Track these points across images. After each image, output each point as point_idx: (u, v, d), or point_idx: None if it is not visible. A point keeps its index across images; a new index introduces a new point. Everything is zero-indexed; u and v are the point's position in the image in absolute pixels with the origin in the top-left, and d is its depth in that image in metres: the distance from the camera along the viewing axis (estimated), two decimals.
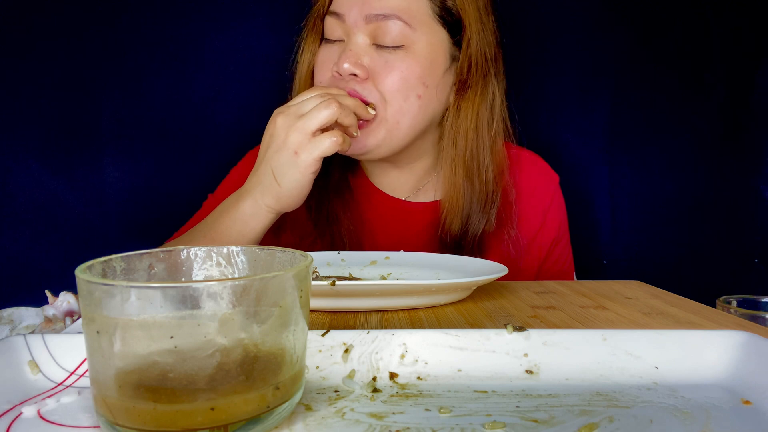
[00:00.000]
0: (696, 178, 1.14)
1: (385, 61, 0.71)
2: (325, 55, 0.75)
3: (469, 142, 0.76)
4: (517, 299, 0.59)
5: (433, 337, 0.37)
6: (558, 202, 0.89)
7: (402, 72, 0.71)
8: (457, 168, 0.77)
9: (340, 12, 0.72)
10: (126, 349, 0.26)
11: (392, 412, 0.30)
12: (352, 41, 0.72)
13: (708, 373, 0.35)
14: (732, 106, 1.13)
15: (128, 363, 0.26)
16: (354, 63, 0.70)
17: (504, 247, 0.82)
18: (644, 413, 0.30)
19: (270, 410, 0.27)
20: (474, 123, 0.76)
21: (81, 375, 0.34)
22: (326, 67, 0.74)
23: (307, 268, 0.30)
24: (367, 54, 0.71)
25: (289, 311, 0.28)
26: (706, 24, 1.12)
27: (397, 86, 0.71)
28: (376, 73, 0.71)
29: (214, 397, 0.25)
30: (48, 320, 0.43)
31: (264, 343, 0.27)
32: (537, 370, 0.36)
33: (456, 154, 0.77)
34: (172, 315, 0.25)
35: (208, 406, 0.25)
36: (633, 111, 1.14)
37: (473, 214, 0.78)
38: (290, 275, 0.28)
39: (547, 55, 1.13)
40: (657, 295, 0.61)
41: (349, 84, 0.71)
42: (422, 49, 0.72)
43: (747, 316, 0.57)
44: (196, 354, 0.25)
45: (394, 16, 0.70)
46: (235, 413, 0.26)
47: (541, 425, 0.29)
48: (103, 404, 0.26)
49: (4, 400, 0.30)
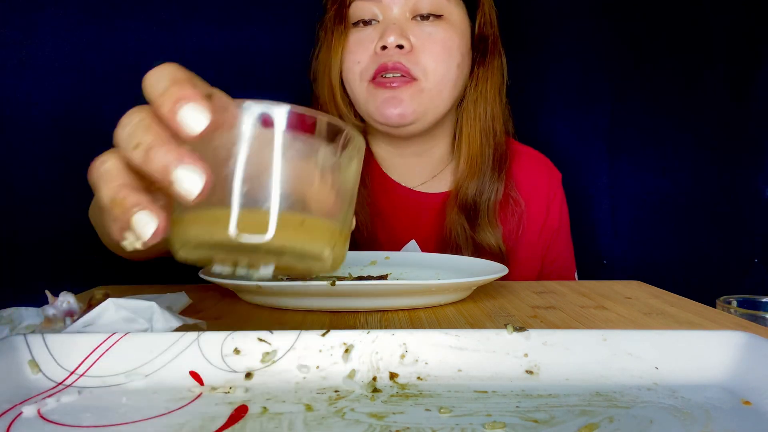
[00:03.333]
0: (696, 178, 1.14)
1: (428, 33, 0.75)
2: (358, 38, 0.77)
3: (488, 107, 0.81)
4: (517, 299, 0.59)
5: (433, 337, 0.37)
6: (560, 197, 0.90)
7: (444, 42, 0.75)
8: (476, 132, 0.81)
9: None
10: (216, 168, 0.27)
11: (392, 412, 0.30)
12: (391, 17, 0.75)
13: (708, 373, 0.35)
14: (732, 106, 1.13)
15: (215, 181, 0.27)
16: (399, 35, 0.73)
17: (511, 219, 0.84)
18: (644, 413, 0.30)
19: (334, 246, 0.30)
20: (493, 91, 0.82)
21: (81, 375, 0.34)
22: (363, 48, 0.76)
23: (363, 144, 0.33)
24: (408, 28, 0.74)
25: (357, 171, 0.32)
26: (706, 23, 1.12)
27: (440, 56, 0.75)
28: (419, 45, 0.74)
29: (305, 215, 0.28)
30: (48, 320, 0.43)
31: (345, 181, 0.31)
32: (537, 370, 0.36)
33: (476, 120, 0.81)
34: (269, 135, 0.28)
35: (300, 219, 0.28)
36: (633, 111, 1.14)
37: (486, 178, 0.81)
38: (358, 145, 0.31)
39: (547, 54, 1.13)
40: (657, 295, 0.61)
41: (393, 57, 0.73)
42: (456, 20, 0.77)
43: (747, 316, 0.57)
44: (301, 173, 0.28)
45: None
46: (321, 231, 0.29)
47: (541, 425, 0.29)
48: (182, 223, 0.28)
49: (4, 400, 0.30)
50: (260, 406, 0.31)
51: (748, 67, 1.13)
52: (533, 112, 1.14)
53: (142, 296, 0.47)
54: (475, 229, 0.80)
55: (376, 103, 0.75)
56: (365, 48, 0.76)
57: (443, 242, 0.81)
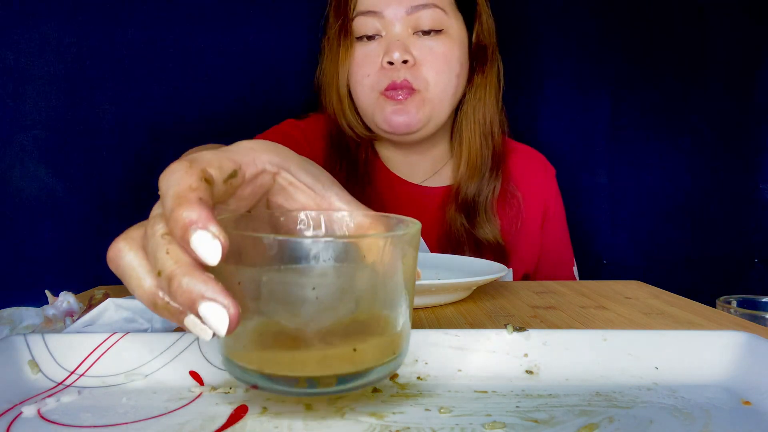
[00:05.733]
0: (696, 178, 1.14)
1: (429, 48, 0.79)
2: (364, 52, 0.81)
3: (487, 113, 0.85)
4: (517, 299, 0.59)
5: (433, 337, 0.37)
6: (555, 192, 0.94)
7: (445, 56, 0.79)
8: (475, 137, 0.85)
9: (377, 10, 0.79)
10: (268, 300, 0.27)
11: (392, 411, 0.30)
12: (395, 33, 0.79)
13: (708, 373, 0.35)
14: (732, 106, 1.13)
15: (269, 311, 0.27)
16: (404, 50, 0.77)
17: (509, 212, 0.87)
18: (644, 413, 0.30)
19: (395, 357, 0.29)
20: (491, 97, 0.86)
21: (81, 375, 0.34)
22: (369, 62, 0.80)
23: (419, 231, 0.32)
24: (410, 43, 0.79)
25: (408, 269, 0.30)
26: (706, 24, 1.12)
27: (442, 69, 0.79)
28: (421, 58, 0.79)
29: (353, 341, 0.27)
30: (48, 320, 0.43)
31: (389, 295, 0.29)
32: (537, 370, 0.36)
33: (475, 125, 0.85)
34: (311, 266, 0.26)
35: (350, 347, 0.27)
36: (633, 111, 1.14)
37: (485, 178, 0.85)
38: (409, 235, 0.30)
39: (547, 55, 1.13)
40: (657, 295, 0.61)
41: (400, 72, 0.78)
42: (455, 32, 0.81)
43: (747, 316, 0.57)
44: (334, 304, 0.27)
45: (432, 5, 0.78)
46: (373, 355, 0.28)
47: (541, 425, 0.29)
48: (239, 353, 0.28)
49: (4, 400, 0.30)
50: (260, 406, 0.31)
51: (748, 67, 1.13)
52: (533, 112, 1.14)
53: None
54: (474, 226, 0.83)
55: (384, 114, 0.80)
56: (372, 62, 0.80)
57: (445, 235, 0.84)
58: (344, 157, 0.85)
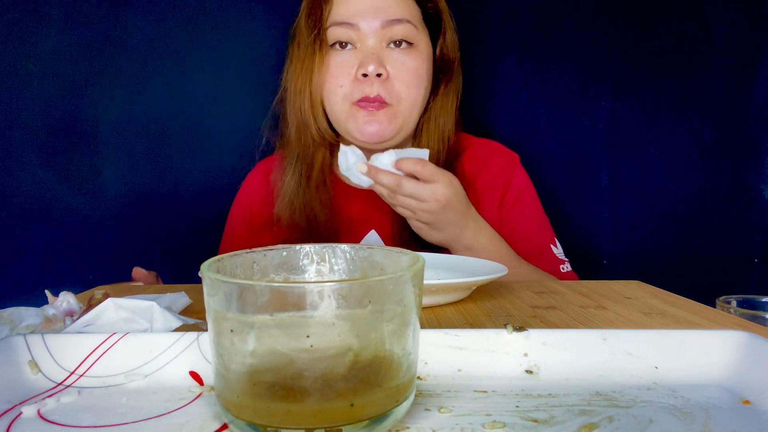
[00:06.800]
0: (696, 178, 1.14)
1: (401, 61, 0.82)
2: (338, 62, 0.83)
3: (447, 121, 0.89)
4: (517, 299, 0.59)
5: (433, 337, 0.37)
6: (518, 174, 0.94)
7: (415, 69, 0.83)
8: (434, 141, 0.89)
9: (352, 22, 0.81)
10: (261, 348, 0.26)
11: None
12: (369, 45, 0.82)
13: (708, 373, 0.35)
14: (732, 106, 1.13)
15: (263, 361, 0.26)
16: (379, 64, 0.80)
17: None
18: (644, 413, 0.30)
19: (398, 404, 0.28)
20: (452, 107, 0.90)
21: (81, 375, 0.34)
22: (343, 72, 0.82)
23: (422, 268, 0.30)
24: (384, 56, 0.82)
25: (410, 310, 0.28)
26: (706, 23, 1.12)
27: (412, 81, 0.83)
28: (394, 73, 0.82)
29: (351, 395, 0.26)
30: (48, 320, 0.43)
31: (390, 341, 0.27)
32: (537, 370, 0.36)
33: (435, 131, 0.89)
34: (305, 314, 0.25)
35: (347, 402, 0.26)
36: (633, 111, 1.14)
37: None
38: (410, 274, 0.28)
39: (546, 54, 1.13)
40: (657, 295, 0.61)
41: (374, 87, 0.80)
42: (424, 47, 0.85)
43: (747, 316, 0.57)
44: (330, 353, 0.26)
45: (405, 20, 0.82)
46: (373, 408, 0.26)
47: (541, 425, 0.29)
48: (233, 402, 0.27)
49: (4, 400, 0.30)
50: None
51: (748, 67, 1.13)
52: (533, 112, 1.14)
53: (142, 296, 0.47)
54: None
55: (357, 123, 0.83)
56: (346, 72, 0.82)
57: (398, 230, 0.86)
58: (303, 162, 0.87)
